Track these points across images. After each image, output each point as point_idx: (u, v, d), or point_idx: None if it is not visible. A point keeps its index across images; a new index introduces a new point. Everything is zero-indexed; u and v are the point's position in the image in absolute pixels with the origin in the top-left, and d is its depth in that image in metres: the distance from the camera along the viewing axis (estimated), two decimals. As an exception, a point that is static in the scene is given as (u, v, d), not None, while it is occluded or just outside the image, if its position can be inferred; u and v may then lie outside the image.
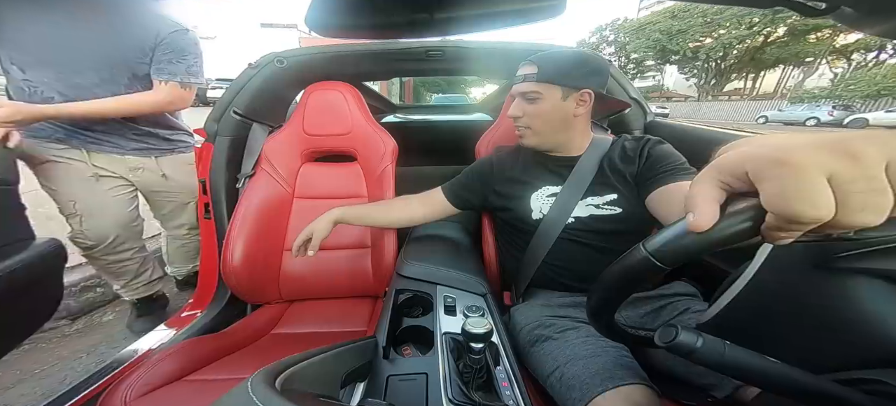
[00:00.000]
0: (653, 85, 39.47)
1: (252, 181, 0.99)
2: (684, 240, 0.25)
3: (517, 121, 0.77)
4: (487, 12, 0.72)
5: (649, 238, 0.27)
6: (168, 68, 1.01)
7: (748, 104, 21.97)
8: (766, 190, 0.20)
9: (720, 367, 0.27)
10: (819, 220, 0.19)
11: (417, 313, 0.72)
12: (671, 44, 24.42)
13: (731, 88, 28.84)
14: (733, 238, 0.22)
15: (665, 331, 0.29)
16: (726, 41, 23.21)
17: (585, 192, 0.74)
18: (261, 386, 0.29)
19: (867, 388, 0.26)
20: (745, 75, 27.57)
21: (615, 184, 0.73)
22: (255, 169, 1.01)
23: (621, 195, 0.72)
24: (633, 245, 0.29)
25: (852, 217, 0.19)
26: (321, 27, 0.61)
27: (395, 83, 6.23)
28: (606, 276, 0.33)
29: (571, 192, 0.74)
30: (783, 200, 0.19)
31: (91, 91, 0.95)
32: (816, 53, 22.95)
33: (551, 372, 0.59)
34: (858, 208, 0.18)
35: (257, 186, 0.98)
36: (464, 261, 0.87)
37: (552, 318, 0.69)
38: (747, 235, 0.22)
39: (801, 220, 0.19)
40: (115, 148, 1.07)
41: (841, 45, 22.66)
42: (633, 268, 0.29)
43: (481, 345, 0.50)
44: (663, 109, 24.67)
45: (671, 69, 33.09)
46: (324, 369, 0.42)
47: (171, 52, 1.01)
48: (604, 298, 0.35)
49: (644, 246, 0.27)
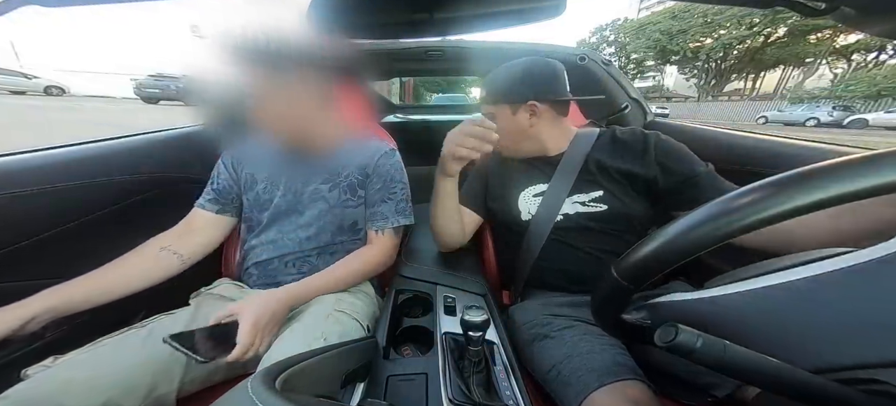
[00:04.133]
0: (653, 85, 39.52)
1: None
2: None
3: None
4: (487, 12, 0.72)
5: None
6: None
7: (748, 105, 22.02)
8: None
9: (719, 366, 0.27)
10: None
11: (417, 313, 0.72)
12: (671, 44, 24.44)
13: (732, 89, 28.89)
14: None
15: (665, 330, 0.28)
16: (726, 41, 23.24)
17: (571, 189, 0.74)
18: (260, 386, 0.29)
19: (866, 387, 0.26)
20: (746, 76, 27.61)
21: (601, 181, 0.73)
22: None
23: (607, 192, 0.72)
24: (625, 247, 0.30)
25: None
26: (321, 27, 0.61)
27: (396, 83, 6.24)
28: (607, 281, 0.34)
29: (557, 191, 0.75)
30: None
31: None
32: (816, 54, 22.99)
33: (549, 369, 0.60)
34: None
35: None
36: (463, 261, 0.87)
37: (550, 316, 0.69)
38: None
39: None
40: None
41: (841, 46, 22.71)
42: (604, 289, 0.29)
43: (480, 334, 0.50)
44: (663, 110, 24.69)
45: (671, 69, 33.15)
46: (323, 369, 0.42)
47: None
48: (606, 300, 0.36)
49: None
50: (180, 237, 0.72)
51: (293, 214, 0.75)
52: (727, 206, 0.26)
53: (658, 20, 24.72)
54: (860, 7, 0.43)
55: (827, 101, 18.69)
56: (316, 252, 0.76)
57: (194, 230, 0.74)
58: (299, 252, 0.75)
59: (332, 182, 0.75)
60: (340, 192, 0.75)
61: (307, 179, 0.74)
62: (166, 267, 0.69)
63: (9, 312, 0.54)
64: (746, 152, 0.84)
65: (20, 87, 17.31)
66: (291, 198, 0.74)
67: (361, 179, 0.77)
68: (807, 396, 0.27)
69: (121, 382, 0.51)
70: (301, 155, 0.74)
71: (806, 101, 19.60)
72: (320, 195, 0.74)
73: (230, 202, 0.77)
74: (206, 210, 0.75)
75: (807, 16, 0.47)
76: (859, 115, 16.92)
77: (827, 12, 0.45)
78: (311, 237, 0.75)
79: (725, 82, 26.60)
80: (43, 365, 0.51)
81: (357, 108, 0.89)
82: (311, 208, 0.74)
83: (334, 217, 0.75)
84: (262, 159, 0.76)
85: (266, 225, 0.75)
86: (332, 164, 0.75)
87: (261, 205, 0.75)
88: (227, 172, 0.76)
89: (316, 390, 0.38)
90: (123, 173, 0.76)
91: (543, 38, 4.89)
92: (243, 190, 0.76)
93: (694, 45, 24.19)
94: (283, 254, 0.74)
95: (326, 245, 0.76)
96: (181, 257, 0.71)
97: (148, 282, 0.67)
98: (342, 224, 0.76)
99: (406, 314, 0.71)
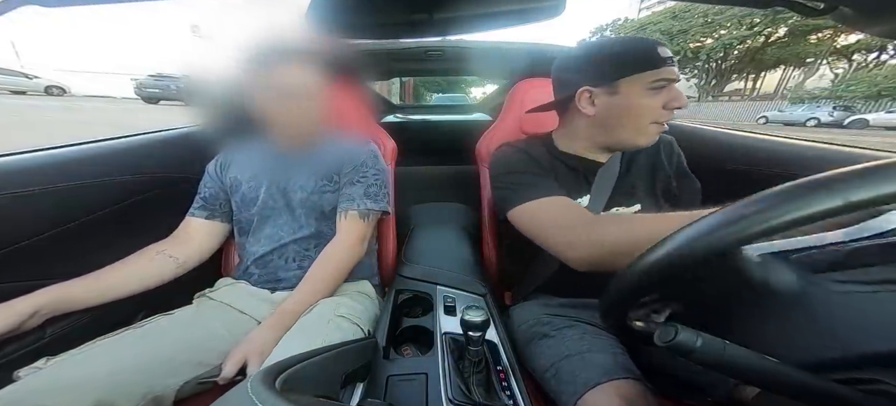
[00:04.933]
0: (653, 85, 39.34)
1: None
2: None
3: (673, 113, 0.62)
4: (486, 12, 0.72)
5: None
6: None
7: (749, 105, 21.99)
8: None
9: (719, 366, 0.27)
10: None
11: (417, 313, 0.72)
12: (671, 44, 24.34)
13: (732, 89, 28.83)
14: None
15: (665, 330, 0.28)
16: (727, 41, 23.20)
17: (608, 202, 0.67)
18: (260, 386, 0.29)
19: (865, 387, 0.26)
20: (746, 76, 27.57)
21: (638, 193, 0.69)
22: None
23: (644, 206, 0.68)
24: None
25: None
26: (321, 28, 0.61)
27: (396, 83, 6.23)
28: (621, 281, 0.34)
29: (596, 204, 0.68)
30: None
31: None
32: (817, 54, 22.95)
33: (547, 368, 0.60)
34: None
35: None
36: (464, 261, 0.87)
37: (550, 316, 0.69)
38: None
39: None
40: None
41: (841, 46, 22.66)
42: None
43: (479, 334, 0.50)
44: (665, 110, 24.60)
45: (672, 69, 32.99)
46: (323, 369, 0.42)
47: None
48: (617, 300, 0.36)
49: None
50: (176, 244, 0.74)
51: (284, 211, 0.76)
52: (747, 210, 0.25)
53: (658, 20, 24.67)
54: (858, 7, 0.43)
55: (827, 102, 18.66)
56: (313, 244, 0.76)
57: (189, 236, 0.75)
58: (295, 246, 0.75)
59: (314, 173, 0.76)
60: (317, 179, 0.76)
61: (289, 174, 0.75)
62: (162, 270, 0.70)
63: (6, 309, 0.54)
64: (746, 152, 0.84)
65: (21, 87, 17.28)
66: (277, 193, 0.75)
67: (338, 167, 0.78)
68: (806, 396, 0.27)
69: (113, 383, 0.50)
70: (289, 153, 0.75)
71: (806, 102, 19.57)
72: (299, 185, 0.75)
73: (218, 207, 0.78)
74: (197, 217, 0.76)
75: (806, 16, 0.47)
76: (860, 115, 16.88)
77: (826, 12, 0.45)
78: (303, 226, 0.75)
79: (726, 82, 26.56)
80: (35, 366, 0.50)
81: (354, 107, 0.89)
82: (297, 202, 0.75)
83: (314, 204, 0.76)
84: (246, 160, 0.77)
85: (258, 223, 0.76)
86: (315, 160, 0.76)
87: (247, 204, 0.76)
88: (213, 179, 0.78)
89: (316, 390, 0.38)
90: (123, 173, 0.76)
91: (544, 39, 4.86)
92: (230, 193, 0.77)
93: (694, 45, 24.14)
94: (280, 249, 0.75)
95: (315, 233, 0.76)
96: (177, 261, 0.72)
97: (144, 285, 0.67)
98: (322, 210, 0.77)
99: (406, 314, 0.71)
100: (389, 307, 0.69)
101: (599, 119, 0.65)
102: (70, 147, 0.74)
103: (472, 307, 0.49)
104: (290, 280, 0.73)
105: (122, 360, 0.53)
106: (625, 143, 0.66)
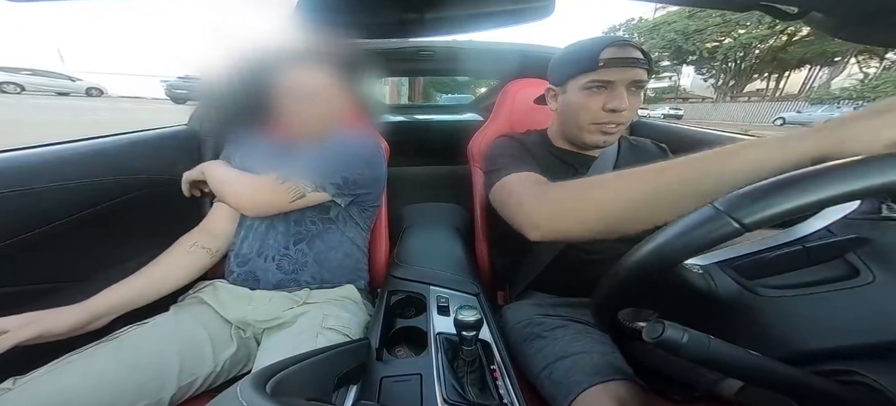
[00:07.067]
0: (668, 86, 38.55)
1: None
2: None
3: (620, 115, 0.64)
4: (477, 13, 0.72)
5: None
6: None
7: (768, 106, 21.27)
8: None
9: (704, 361, 0.28)
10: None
11: (411, 314, 0.71)
12: (687, 44, 23.78)
13: (753, 89, 27.90)
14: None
15: (652, 327, 0.29)
16: (746, 40, 22.46)
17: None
18: (251, 390, 0.28)
19: (843, 379, 0.28)
20: (768, 75, 26.64)
21: None
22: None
23: None
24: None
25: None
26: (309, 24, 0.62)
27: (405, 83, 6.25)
28: (620, 269, 0.35)
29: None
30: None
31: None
32: (844, 52, 21.98)
33: (541, 370, 0.60)
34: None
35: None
36: (456, 261, 0.87)
37: (542, 316, 0.69)
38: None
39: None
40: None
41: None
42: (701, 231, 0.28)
43: (473, 334, 0.50)
44: (677, 111, 24.09)
45: (688, 70, 32.27)
46: (316, 372, 0.41)
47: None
48: (606, 300, 0.36)
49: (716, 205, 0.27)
50: (206, 234, 0.75)
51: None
52: (732, 203, 0.27)
53: (673, 20, 24.10)
54: (828, 12, 0.43)
55: (849, 102, 17.88)
56: (292, 241, 0.75)
57: (217, 225, 0.77)
58: (274, 244, 0.75)
59: (300, 171, 0.73)
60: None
61: (271, 170, 0.72)
62: (200, 262, 0.71)
63: (80, 309, 0.55)
64: (694, 144, 0.84)
65: (65, 89, 17.92)
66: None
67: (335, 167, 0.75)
68: (788, 389, 0.28)
69: (94, 401, 0.48)
70: (282, 150, 0.74)
71: (826, 102, 18.80)
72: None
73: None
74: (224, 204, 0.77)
75: (780, 19, 0.47)
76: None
77: (799, 17, 0.46)
78: (281, 221, 0.75)
79: (746, 82, 25.73)
80: (3, 387, 0.47)
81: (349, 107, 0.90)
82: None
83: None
84: (238, 156, 0.78)
85: (241, 219, 0.77)
86: (307, 157, 0.74)
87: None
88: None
89: (308, 394, 0.37)
90: (110, 173, 0.75)
91: (548, 39, 4.66)
92: None
93: (711, 44, 23.50)
94: (260, 248, 0.74)
95: (293, 232, 0.75)
96: (210, 251, 0.73)
97: (187, 277, 0.69)
98: (303, 210, 0.74)
99: (399, 315, 0.70)
100: (382, 308, 0.68)
101: (558, 116, 0.73)
102: (53, 146, 0.72)
103: (465, 307, 0.49)
104: (269, 281, 0.73)
105: (99, 375, 0.50)
106: (577, 140, 0.71)
